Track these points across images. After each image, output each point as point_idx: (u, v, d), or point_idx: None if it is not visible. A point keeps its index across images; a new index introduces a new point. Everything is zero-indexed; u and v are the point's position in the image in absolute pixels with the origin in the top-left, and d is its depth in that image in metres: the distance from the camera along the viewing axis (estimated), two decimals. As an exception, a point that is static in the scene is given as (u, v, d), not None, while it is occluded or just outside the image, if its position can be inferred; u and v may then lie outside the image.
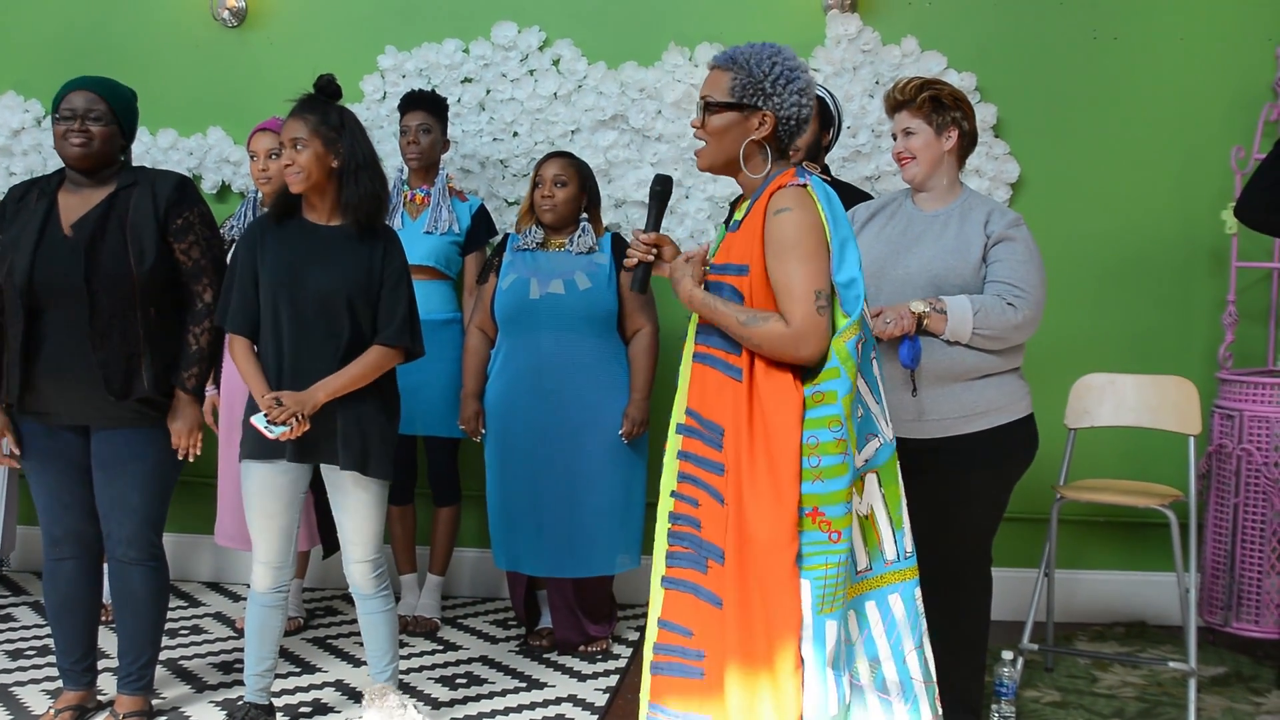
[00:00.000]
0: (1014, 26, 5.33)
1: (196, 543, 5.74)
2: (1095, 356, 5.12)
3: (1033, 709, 4.38)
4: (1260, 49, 5.23)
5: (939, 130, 3.91)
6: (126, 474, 3.94)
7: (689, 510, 3.20)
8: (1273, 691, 4.60)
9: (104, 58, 5.50)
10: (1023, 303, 3.76)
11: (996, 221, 3.86)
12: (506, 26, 5.48)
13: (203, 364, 3.98)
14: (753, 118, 3.17)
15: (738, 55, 3.20)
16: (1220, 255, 5.25)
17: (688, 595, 3.18)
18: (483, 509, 5.54)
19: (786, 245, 3.09)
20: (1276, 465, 4.84)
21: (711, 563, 3.14)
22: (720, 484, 3.15)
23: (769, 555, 3.05)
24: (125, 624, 4.05)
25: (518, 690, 4.54)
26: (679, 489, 3.23)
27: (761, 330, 3.08)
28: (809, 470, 3.07)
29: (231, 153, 5.64)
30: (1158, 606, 5.33)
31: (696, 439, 3.20)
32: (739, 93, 3.17)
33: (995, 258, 3.82)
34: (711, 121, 3.19)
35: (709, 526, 3.16)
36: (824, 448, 3.07)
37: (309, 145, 3.81)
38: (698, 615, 3.15)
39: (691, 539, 3.18)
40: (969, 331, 3.73)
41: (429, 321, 4.82)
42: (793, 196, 3.12)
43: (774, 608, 3.05)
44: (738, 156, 3.20)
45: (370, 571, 3.96)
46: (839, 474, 3.07)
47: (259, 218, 4.01)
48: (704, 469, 3.18)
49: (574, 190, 4.82)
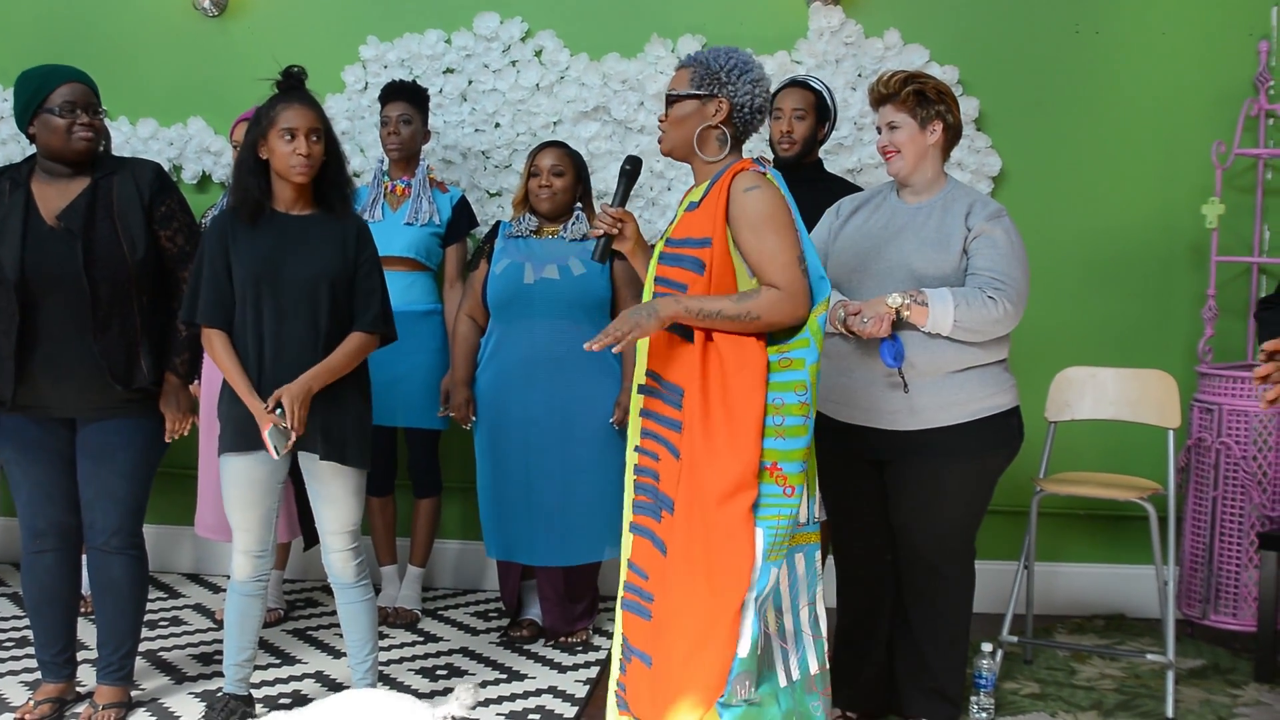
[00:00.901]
0: (997, 20, 5.33)
1: (177, 534, 5.73)
2: (1075, 350, 5.13)
3: (1011, 701, 4.39)
4: (1241, 44, 5.24)
5: (923, 124, 3.90)
6: (115, 463, 3.94)
7: (650, 464, 3.47)
8: (1250, 684, 4.62)
9: (84, 47, 5.49)
10: (1003, 295, 3.75)
11: (978, 214, 3.86)
12: (489, 17, 5.46)
13: (192, 349, 4.01)
14: (709, 104, 3.42)
15: (698, 54, 3.48)
16: (1200, 249, 5.26)
17: (646, 541, 3.48)
18: (464, 500, 5.56)
19: (762, 218, 3.31)
20: (1255, 459, 4.86)
21: (664, 513, 3.40)
22: (677, 440, 3.37)
23: (723, 505, 3.25)
24: (106, 614, 4.04)
25: (498, 681, 4.54)
26: (641, 444, 3.51)
27: (757, 302, 3.27)
28: (772, 428, 3.28)
29: (212, 143, 5.62)
30: (1137, 599, 5.35)
31: (657, 399, 3.46)
32: (696, 82, 3.42)
33: (976, 250, 3.82)
34: (673, 111, 3.46)
35: (665, 479, 3.41)
36: (788, 409, 3.29)
37: (323, 138, 3.84)
38: (651, 561, 3.45)
39: (650, 489, 3.47)
40: (950, 323, 3.73)
41: (410, 313, 4.83)
42: (757, 178, 3.36)
43: (724, 555, 3.26)
44: (691, 143, 3.45)
45: (350, 560, 3.95)
46: (799, 434, 3.30)
47: (222, 212, 3.98)
48: (663, 426, 3.43)
49: (571, 179, 4.83)
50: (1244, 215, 5.26)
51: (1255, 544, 4.81)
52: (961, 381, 3.84)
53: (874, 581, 4.08)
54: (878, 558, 4.06)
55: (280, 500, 3.98)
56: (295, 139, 3.78)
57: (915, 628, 4.03)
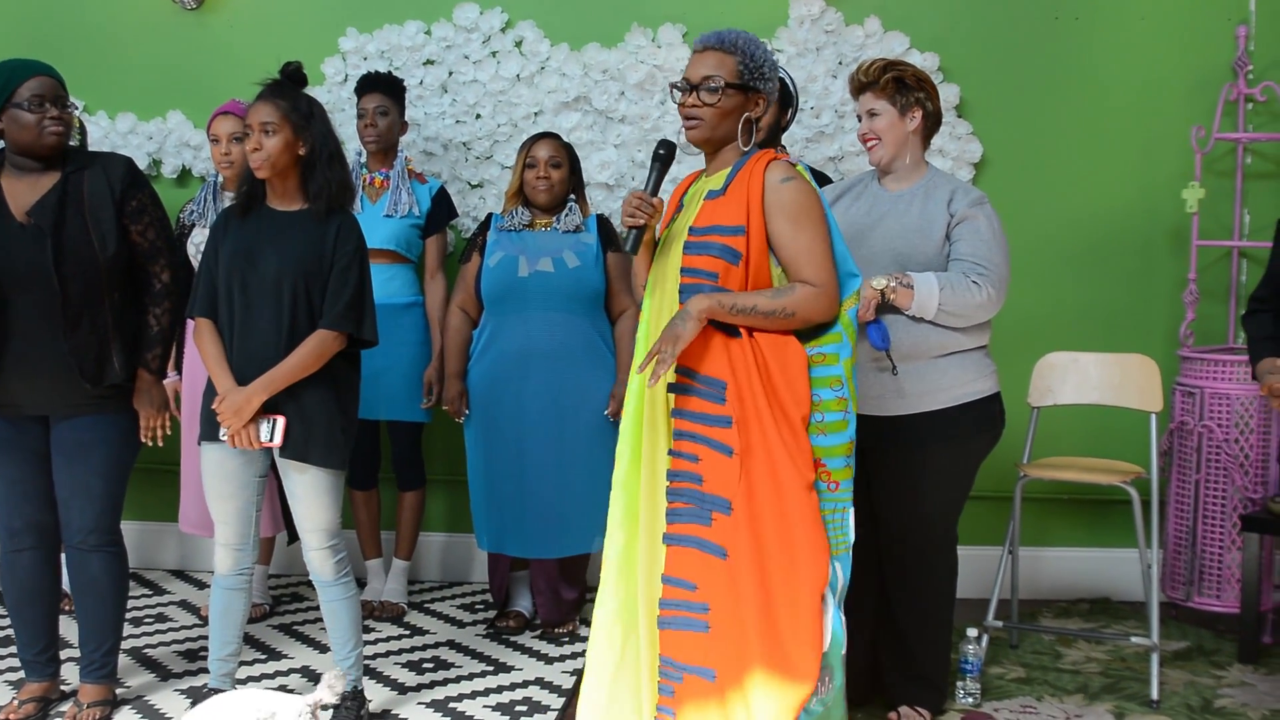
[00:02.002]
0: (977, 7, 5.34)
1: (161, 530, 5.71)
2: (1058, 335, 5.14)
3: (998, 685, 4.40)
4: (1220, 29, 5.25)
5: (903, 111, 3.92)
6: (89, 460, 3.91)
7: (688, 466, 3.31)
8: (1234, 665, 4.64)
9: (63, 41, 5.47)
10: (986, 280, 3.77)
11: (960, 200, 3.87)
12: (468, 8, 5.45)
13: (164, 344, 3.98)
14: (752, 99, 3.38)
15: (737, 40, 3.37)
16: (1181, 234, 5.27)
17: (691, 550, 3.28)
18: (448, 493, 5.55)
19: (801, 210, 3.29)
20: (1236, 441, 4.88)
21: (717, 515, 3.26)
22: (726, 436, 3.25)
23: (802, 499, 3.21)
24: (86, 612, 4.03)
25: (484, 674, 4.54)
26: (676, 446, 3.34)
27: (793, 299, 3.25)
28: (814, 425, 3.27)
29: (192, 137, 5.59)
30: (1121, 582, 5.37)
31: (693, 396, 3.32)
32: (746, 76, 3.35)
33: (958, 236, 3.84)
34: (724, 101, 3.34)
35: (713, 479, 3.27)
36: (826, 405, 3.28)
37: (279, 131, 3.78)
38: (703, 569, 3.26)
39: (692, 494, 3.29)
40: (935, 307, 3.74)
41: (390, 305, 4.81)
42: (790, 169, 3.33)
43: (805, 547, 3.20)
44: (733, 133, 3.38)
45: (328, 559, 3.92)
46: (839, 429, 3.29)
47: (226, 209, 3.98)
48: (705, 424, 3.29)
49: (566, 171, 4.84)
50: (1224, 199, 5.27)
51: (1238, 526, 4.83)
52: (945, 366, 3.86)
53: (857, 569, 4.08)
54: (865, 547, 4.06)
55: (262, 494, 3.96)
56: (251, 134, 3.79)
57: (899, 614, 4.03)
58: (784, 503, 3.22)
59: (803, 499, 3.21)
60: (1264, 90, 5.15)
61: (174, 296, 4.00)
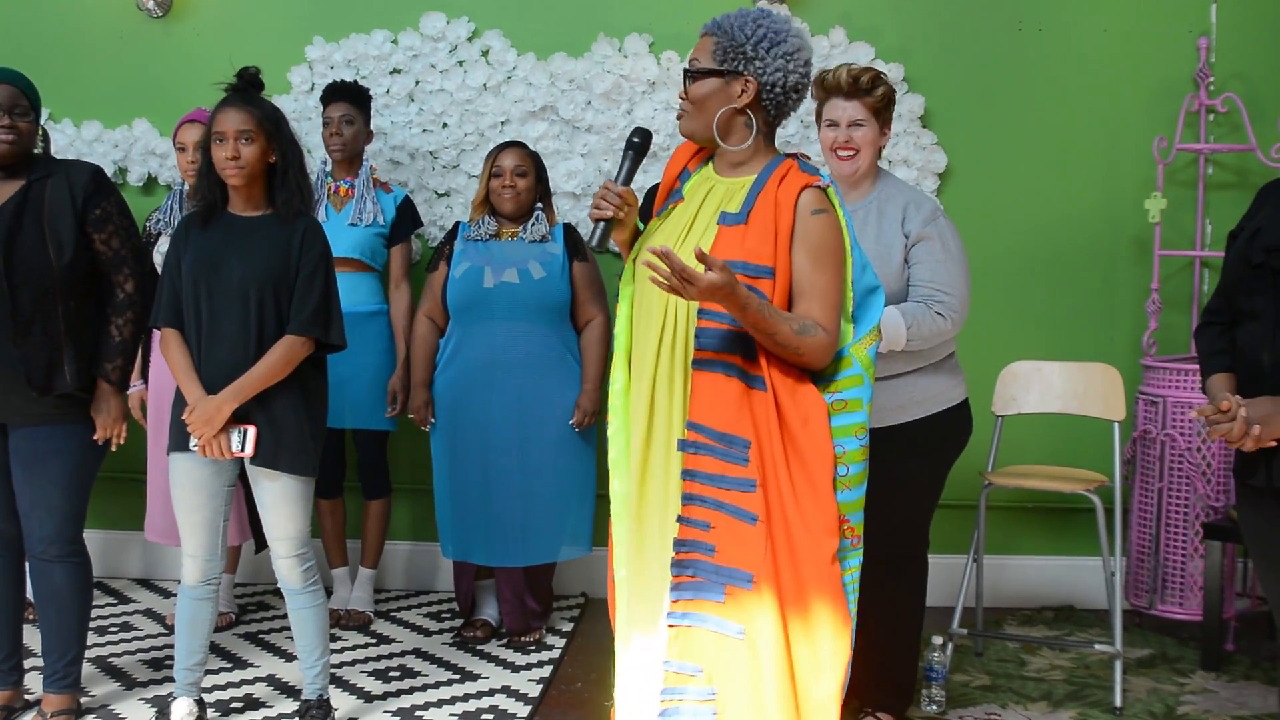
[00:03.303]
0: (941, 17, 5.36)
1: (126, 539, 5.67)
2: (1021, 344, 5.17)
3: (963, 693, 4.42)
4: (1182, 40, 5.29)
5: (883, 127, 3.88)
6: (48, 471, 3.89)
7: (698, 535, 2.94)
8: (1197, 672, 4.67)
9: (27, 49, 5.44)
10: (948, 308, 3.76)
11: (913, 218, 3.82)
12: (435, 17, 5.45)
13: (126, 355, 3.94)
14: (734, 84, 3.01)
15: (724, 19, 3.04)
16: (1144, 244, 5.31)
17: (700, 630, 2.94)
18: (414, 501, 5.54)
19: (828, 250, 2.97)
20: (1199, 450, 4.91)
21: (732, 589, 2.91)
22: (749, 502, 2.91)
23: (824, 572, 2.91)
24: (49, 622, 4.00)
25: (451, 682, 4.53)
26: (685, 512, 2.96)
27: (810, 343, 2.92)
28: (839, 480, 2.96)
29: (158, 145, 5.57)
30: (1085, 590, 5.40)
31: (708, 455, 2.94)
32: (720, 57, 3.01)
33: (916, 259, 3.80)
34: (693, 88, 3.04)
35: (728, 550, 2.92)
36: (850, 456, 2.98)
37: (255, 139, 3.77)
38: (713, 650, 2.93)
39: (703, 566, 2.93)
40: (903, 343, 3.72)
41: (355, 314, 4.80)
42: (823, 198, 2.99)
43: (823, 629, 2.92)
44: (723, 124, 3.04)
45: (297, 567, 3.92)
46: (861, 482, 3.00)
47: (185, 216, 3.96)
48: (723, 487, 2.94)
49: (532, 180, 4.85)
50: (1186, 209, 5.31)
51: (1200, 534, 4.86)
52: (914, 381, 3.86)
53: None
54: None
55: (230, 504, 3.95)
56: (225, 142, 3.76)
57: (871, 621, 4.03)
58: (802, 576, 2.91)
59: (824, 572, 2.90)
60: (1225, 101, 5.20)
61: (137, 307, 3.96)
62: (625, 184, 3.14)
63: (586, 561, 5.22)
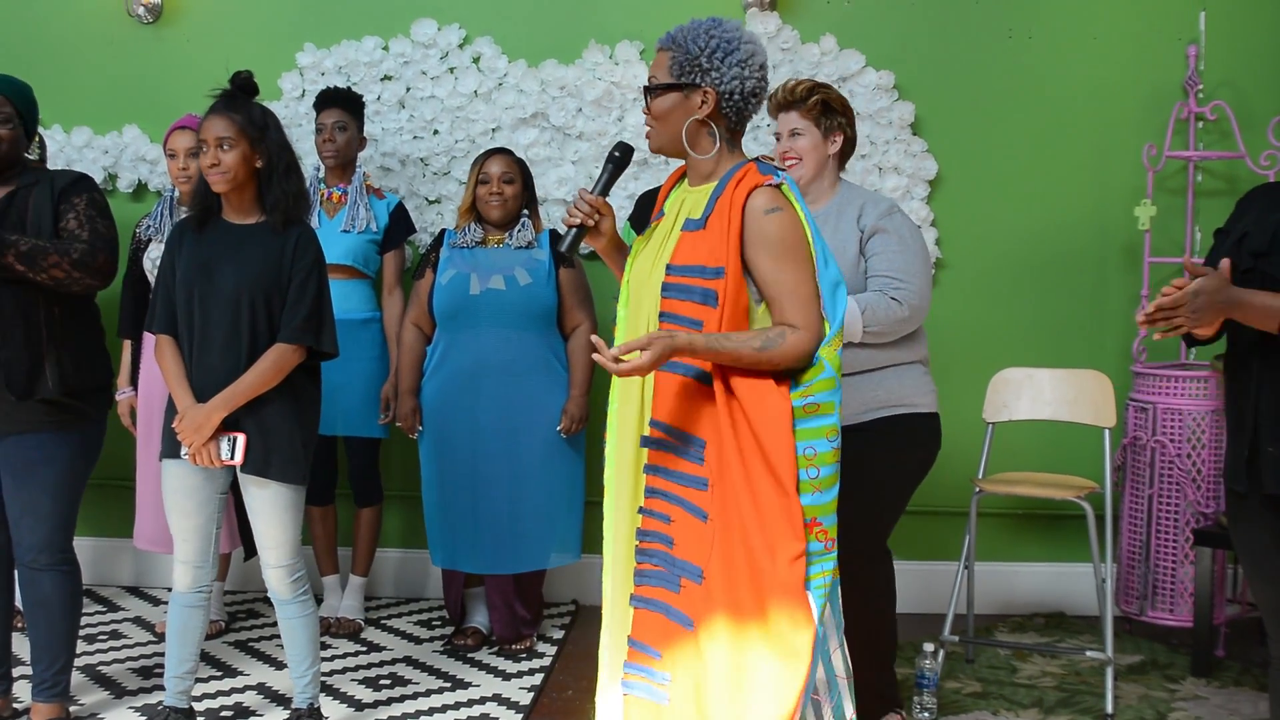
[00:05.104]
0: (932, 25, 5.38)
1: (116, 547, 5.65)
2: (1012, 351, 5.17)
3: (954, 700, 4.42)
4: (1171, 48, 5.31)
5: (826, 134, 3.94)
6: (37, 479, 3.87)
7: (659, 526, 3.03)
8: (1188, 679, 4.68)
9: (17, 54, 5.41)
10: (905, 294, 3.78)
11: (869, 214, 3.87)
12: (426, 24, 5.45)
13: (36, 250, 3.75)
14: (694, 96, 3.05)
15: (677, 33, 3.08)
16: (1134, 251, 5.33)
17: (657, 615, 3.03)
18: (405, 509, 5.54)
19: (787, 246, 2.99)
20: (1189, 456, 4.92)
21: (685, 581, 2.98)
22: (702, 500, 2.98)
23: (783, 575, 2.90)
24: (38, 631, 3.98)
25: (442, 690, 4.52)
26: (647, 504, 3.06)
27: (782, 348, 2.95)
28: (808, 482, 2.96)
29: (148, 151, 5.56)
30: (1076, 597, 5.40)
31: (668, 452, 3.02)
32: (677, 71, 3.05)
33: (872, 250, 3.84)
34: (655, 104, 3.09)
35: (683, 544, 2.99)
36: (821, 458, 2.98)
37: (236, 145, 3.75)
38: (666, 637, 3.01)
39: (662, 556, 3.02)
40: (859, 331, 3.74)
41: (348, 321, 4.79)
42: (776, 197, 3.02)
43: (784, 626, 2.91)
44: (690, 138, 3.08)
45: (286, 577, 3.90)
46: (833, 484, 3.00)
47: (180, 221, 3.96)
48: (679, 483, 3.01)
49: (519, 186, 4.84)
50: (1176, 217, 5.33)
51: (1190, 540, 4.87)
52: (879, 380, 3.87)
53: None
54: None
55: (222, 511, 3.94)
56: (207, 149, 3.76)
57: None
58: (759, 578, 2.91)
59: (783, 575, 2.90)
60: (1214, 109, 5.21)
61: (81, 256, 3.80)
62: (601, 195, 3.21)
63: (577, 568, 5.22)
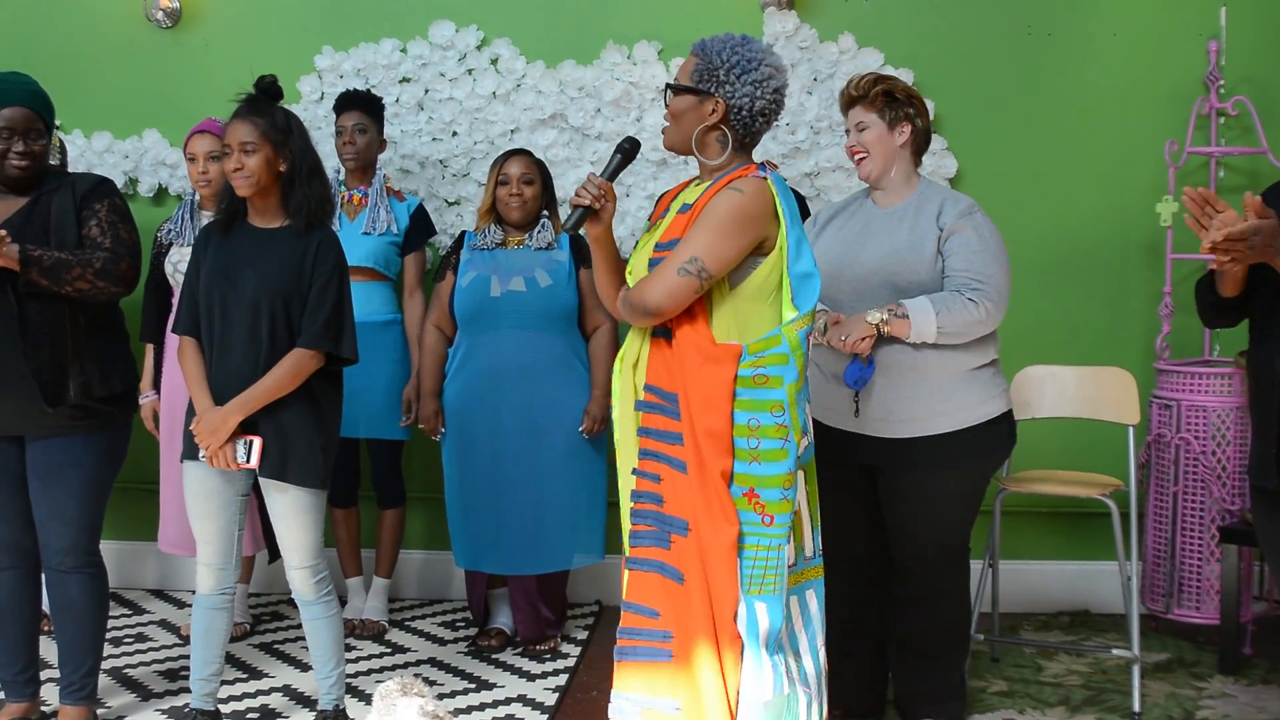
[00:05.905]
0: (950, 23, 5.36)
1: (141, 550, 5.67)
2: (1035, 349, 5.15)
3: (980, 699, 4.41)
4: (1192, 44, 5.29)
5: (891, 125, 3.89)
6: (64, 483, 3.89)
7: (651, 486, 3.19)
8: (1215, 676, 4.66)
9: (38, 60, 5.41)
10: (983, 295, 3.73)
11: (949, 212, 3.83)
12: (444, 26, 5.45)
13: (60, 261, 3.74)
14: (706, 103, 3.23)
15: (709, 41, 3.26)
16: (1155, 248, 5.31)
17: (653, 575, 3.15)
18: (428, 510, 5.54)
19: (708, 216, 3.14)
20: (1214, 454, 4.90)
21: (675, 537, 3.12)
22: (681, 453, 3.13)
23: (709, 527, 3.08)
24: (65, 633, 4.00)
25: (467, 691, 4.52)
26: (640, 466, 3.22)
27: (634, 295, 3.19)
28: (746, 451, 3.09)
29: (168, 155, 5.58)
30: (1101, 595, 5.38)
31: (656, 413, 3.19)
32: (697, 77, 3.23)
33: (950, 251, 3.79)
34: (673, 103, 3.28)
35: (672, 500, 3.14)
36: (764, 430, 3.09)
37: (259, 149, 3.76)
38: (665, 594, 3.13)
39: (654, 515, 3.17)
40: (934, 332, 3.69)
41: (369, 323, 4.79)
42: (750, 184, 3.17)
43: (717, 584, 3.07)
44: (700, 140, 3.26)
45: (309, 578, 3.91)
46: (777, 459, 3.10)
47: (206, 225, 3.97)
48: (664, 441, 3.17)
49: (539, 187, 4.84)
50: (1198, 212, 5.30)
51: (1216, 538, 4.85)
52: (951, 390, 3.81)
53: (865, 583, 4.07)
54: (870, 561, 4.06)
55: (244, 513, 3.95)
56: (231, 154, 3.77)
57: (918, 631, 3.99)
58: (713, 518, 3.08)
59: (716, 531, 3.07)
60: (1235, 104, 5.19)
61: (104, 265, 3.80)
62: (609, 179, 3.32)
63: (601, 569, 5.21)
